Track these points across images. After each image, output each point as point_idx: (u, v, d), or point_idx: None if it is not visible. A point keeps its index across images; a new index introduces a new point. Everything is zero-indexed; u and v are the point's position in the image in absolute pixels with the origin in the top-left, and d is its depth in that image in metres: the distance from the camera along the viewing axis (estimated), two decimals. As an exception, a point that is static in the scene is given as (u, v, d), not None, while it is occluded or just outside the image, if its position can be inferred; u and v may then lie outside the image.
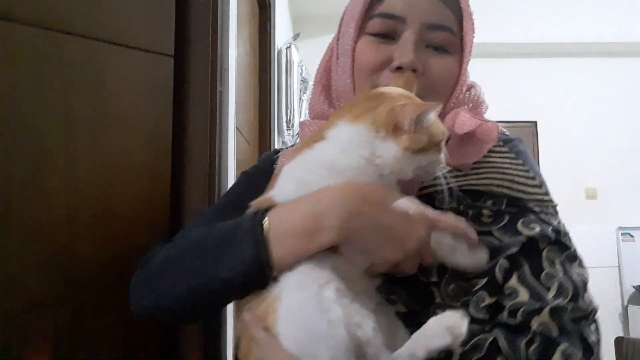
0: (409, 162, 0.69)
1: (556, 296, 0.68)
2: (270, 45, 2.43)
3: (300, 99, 3.09)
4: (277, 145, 2.54)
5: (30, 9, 1.04)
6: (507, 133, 0.87)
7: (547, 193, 0.77)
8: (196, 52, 1.30)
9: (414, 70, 0.80)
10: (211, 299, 0.69)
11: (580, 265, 0.74)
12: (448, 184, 0.73)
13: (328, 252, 0.64)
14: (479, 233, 0.70)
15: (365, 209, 0.63)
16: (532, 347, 0.65)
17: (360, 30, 0.86)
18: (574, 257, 0.73)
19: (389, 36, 0.84)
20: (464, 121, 0.79)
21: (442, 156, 0.71)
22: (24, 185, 1.00)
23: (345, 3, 0.90)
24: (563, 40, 4.42)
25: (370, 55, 0.84)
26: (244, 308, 0.66)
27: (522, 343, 0.65)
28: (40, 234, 1.01)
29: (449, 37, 0.82)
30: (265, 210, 0.66)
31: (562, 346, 0.66)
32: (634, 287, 4.08)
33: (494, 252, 0.71)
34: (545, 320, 0.67)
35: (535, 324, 0.66)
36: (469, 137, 0.80)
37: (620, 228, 4.42)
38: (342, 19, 0.90)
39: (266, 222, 0.64)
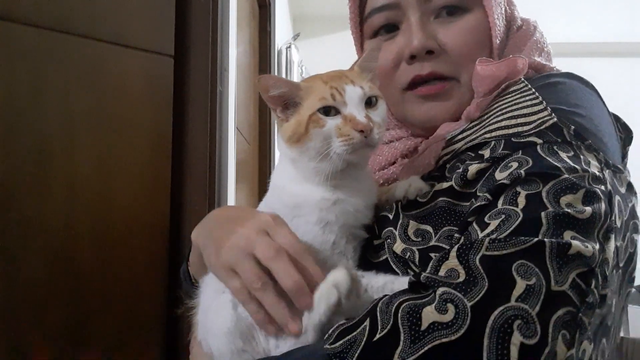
0: (303, 155, 0.62)
1: (490, 233, 0.50)
2: (270, 45, 2.43)
3: (300, 99, 3.09)
4: (277, 145, 2.53)
5: (30, 9, 1.04)
6: (552, 69, 0.73)
7: (550, 114, 0.58)
8: (196, 52, 1.30)
9: (430, 52, 0.72)
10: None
11: (590, 199, 0.51)
12: (452, 152, 0.65)
13: None
14: (466, 197, 0.59)
15: (210, 224, 0.68)
16: (406, 304, 0.47)
17: (364, 38, 0.81)
18: (568, 188, 0.51)
19: (393, 29, 0.76)
20: (478, 75, 0.68)
21: (336, 126, 0.59)
22: (24, 185, 1.00)
23: (344, 2, 0.88)
24: (562, 40, 4.42)
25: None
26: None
27: (397, 301, 0.48)
28: (40, 234, 1.01)
29: None
30: None
31: (442, 289, 0.46)
32: (634, 287, 4.09)
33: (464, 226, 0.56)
34: (452, 265, 0.48)
35: (442, 272, 0.49)
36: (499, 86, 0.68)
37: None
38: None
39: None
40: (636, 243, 0.65)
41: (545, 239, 0.47)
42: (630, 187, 0.65)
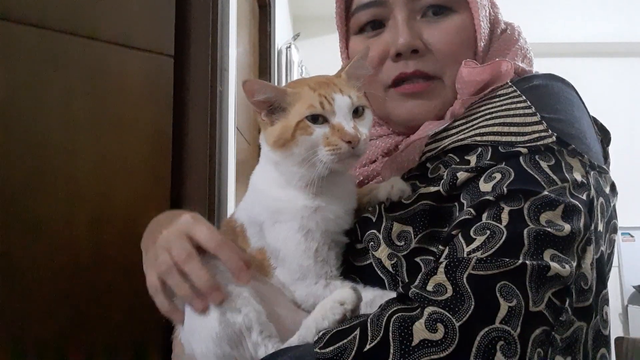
0: (287, 160, 0.62)
1: (476, 250, 0.52)
2: (270, 45, 2.43)
3: (300, 99, 3.09)
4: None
5: (30, 9, 1.04)
6: (533, 72, 0.75)
7: (546, 129, 0.58)
8: (196, 52, 1.30)
9: (415, 51, 0.72)
10: None
11: (569, 214, 0.53)
12: (436, 148, 0.64)
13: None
14: (450, 199, 0.59)
15: (148, 230, 0.72)
16: (396, 316, 0.49)
17: (349, 34, 0.81)
18: (547, 205, 0.53)
19: (379, 25, 0.76)
20: (463, 77, 0.68)
21: (323, 135, 0.59)
22: (24, 186, 1.00)
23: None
24: (562, 40, 4.42)
25: None
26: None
27: (388, 313, 0.50)
28: (40, 234, 1.01)
29: None
30: None
31: (432, 308, 0.48)
32: (634, 287, 4.07)
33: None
34: (440, 280, 0.50)
35: (429, 287, 0.50)
36: (486, 88, 0.69)
37: (620, 228, 4.38)
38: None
39: None
40: (614, 243, 0.68)
41: (527, 261, 0.50)
42: (613, 187, 0.66)
